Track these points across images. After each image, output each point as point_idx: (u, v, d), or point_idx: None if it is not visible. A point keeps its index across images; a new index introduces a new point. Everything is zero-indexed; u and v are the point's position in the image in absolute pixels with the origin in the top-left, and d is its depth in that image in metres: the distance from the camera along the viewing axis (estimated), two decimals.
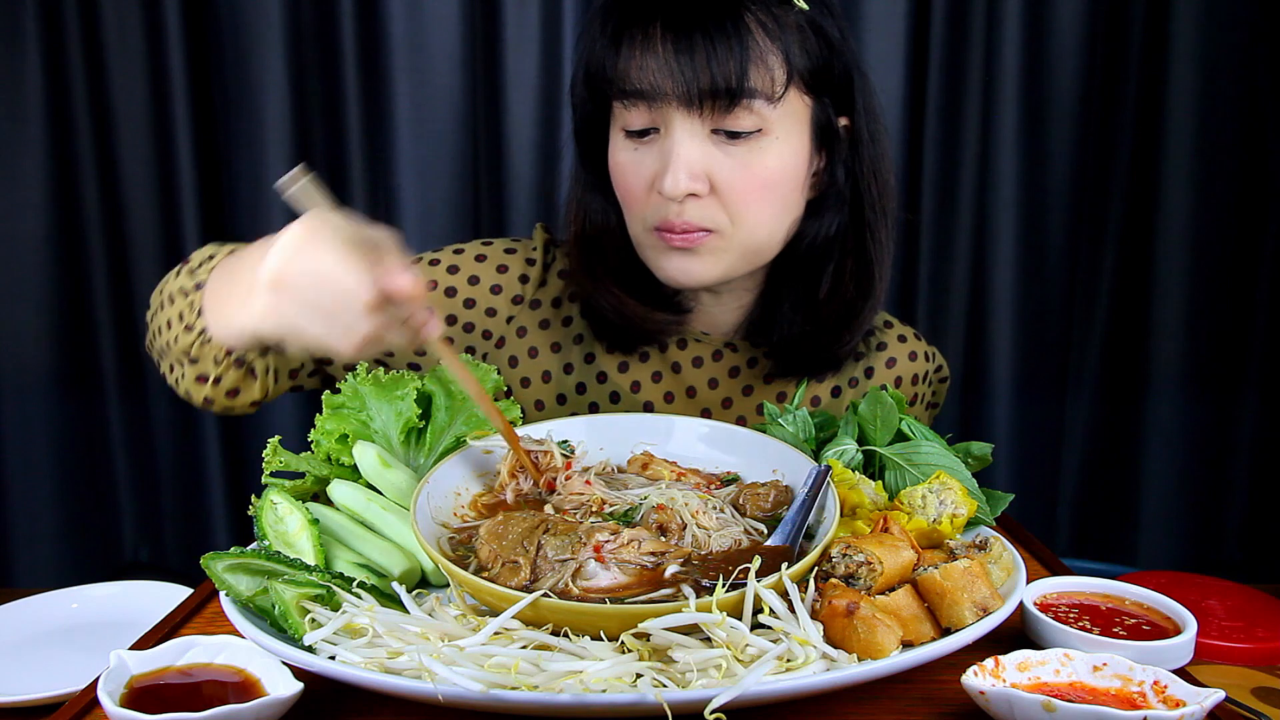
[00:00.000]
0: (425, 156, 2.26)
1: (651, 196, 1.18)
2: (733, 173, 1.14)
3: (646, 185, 1.18)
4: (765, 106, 1.12)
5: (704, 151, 1.14)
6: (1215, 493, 2.37)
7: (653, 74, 1.11)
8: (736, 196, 1.15)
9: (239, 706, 0.71)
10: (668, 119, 1.14)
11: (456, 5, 2.22)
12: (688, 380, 1.35)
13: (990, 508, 1.04)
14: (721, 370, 1.35)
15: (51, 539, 2.38)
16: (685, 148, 1.13)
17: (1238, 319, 2.29)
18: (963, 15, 2.21)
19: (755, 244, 1.21)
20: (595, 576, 0.83)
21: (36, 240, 2.27)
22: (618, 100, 1.17)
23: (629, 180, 1.20)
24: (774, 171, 1.16)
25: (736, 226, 1.17)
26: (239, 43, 2.22)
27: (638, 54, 1.12)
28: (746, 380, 1.36)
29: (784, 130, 1.16)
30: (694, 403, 1.35)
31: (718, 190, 1.15)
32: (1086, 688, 0.77)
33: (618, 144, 1.21)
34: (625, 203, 1.23)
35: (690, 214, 1.16)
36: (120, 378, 2.36)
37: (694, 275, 1.21)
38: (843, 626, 0.78)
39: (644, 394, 1.35)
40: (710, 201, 1.16)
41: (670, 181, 1.13)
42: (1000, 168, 2.26)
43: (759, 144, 1.14)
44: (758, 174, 1.15)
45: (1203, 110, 2.21)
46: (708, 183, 1.15)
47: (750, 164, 1.15)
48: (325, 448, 1.06)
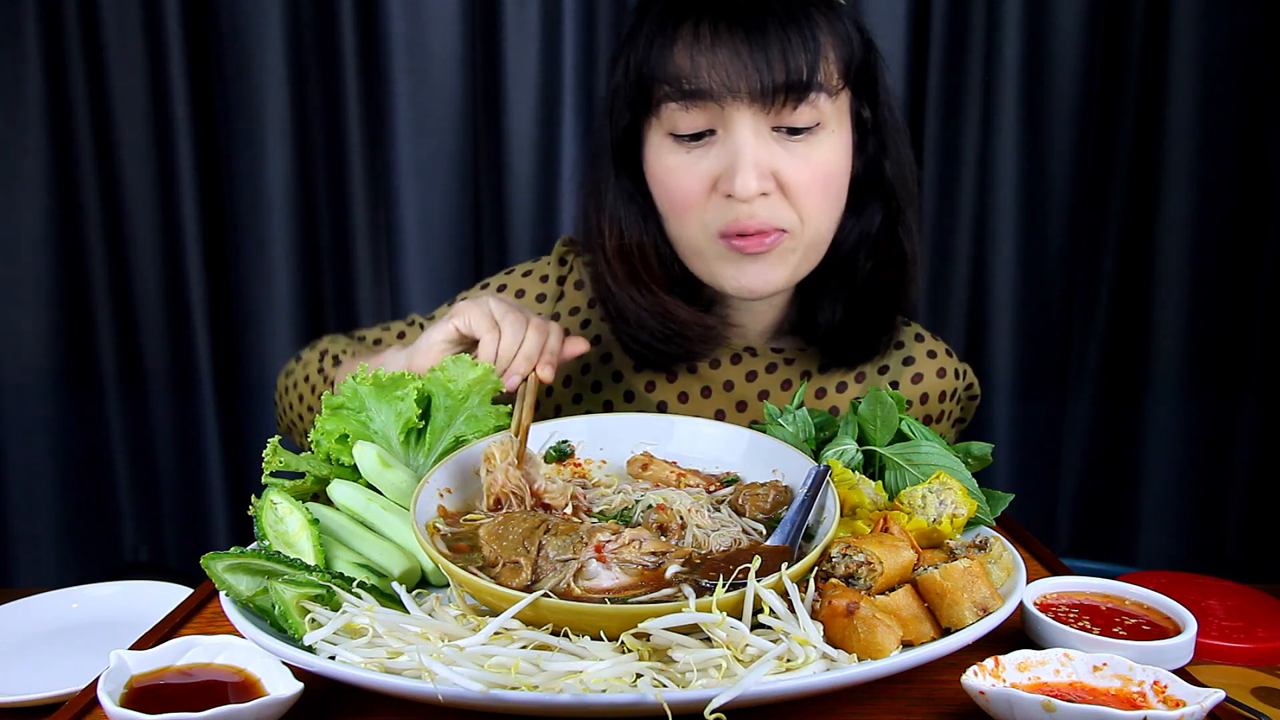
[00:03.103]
0: (425, 156, 2.26)
1: (712, 200, 1.15)
2: (797, 169, 1.13)
3: (705, 189, 1.15)
4: (825, 101, 1.13)
5: (768, 150, 1.13)
6: (1215, 493, 2.37)
7: (724, 70, 1.09)
8: (802, 192, 1.14)
9: (239, 706, 0.71)
10: (730, 119, 1.11)
11: (456, 5, 2.22)
12: (703, 381, 1.34)
13: (990, 508, 1.04)
14: (739, 373, 1.34)
15: (51, 539, 2.39)
16: (752, 146, 1.11)
17: (1238, 319, 2.29)
18: (963, 15, 2.21)
19: (820, 240, 1.20)
20: (597, 576, 0.83)
21: (36, 240, 2.27)
22: (675, 102, 1.13)
23: (683, 185, 1.16)
24: (833, 165, 1.17)
25: (805, 224, 1.17)
26: (239, 43, 2.22)
27: (704, 52, 1.09)
28: (764, 385, 1.34)
29: (836, 123, 1.16)
30: (708, 403, 1.34)
31: (785, 187, 1.14)
32: (1086, 688, 0.77)
33: (663, 149, 1.17)
34: (677, 210, 1.19)
35: (762, 214, 1.14)
36: (120, 378, 2.36)
37: (770, 281, 1.19)
38: (843, 626, 0.78)
39: (659, 393, 1.35)
40: (777, 200, 1.15)
41: (741, 182, 1.11)
42: (1000, 168, 2.26)
43: (817, 138, 1.14)
44: (820, 168, 1.15)
45: (1203, 110, 2.21)
46: (774, 180, 1.14)
47: (811, 158, 1.14)
48: (325, 448, 1.06)
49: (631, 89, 1.17)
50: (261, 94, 2.23)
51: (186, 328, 2.32)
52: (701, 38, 1.10)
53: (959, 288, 2.32)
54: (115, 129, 2.26)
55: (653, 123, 1.18)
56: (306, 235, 2.33)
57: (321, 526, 0.94)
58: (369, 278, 2.33)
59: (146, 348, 2.36)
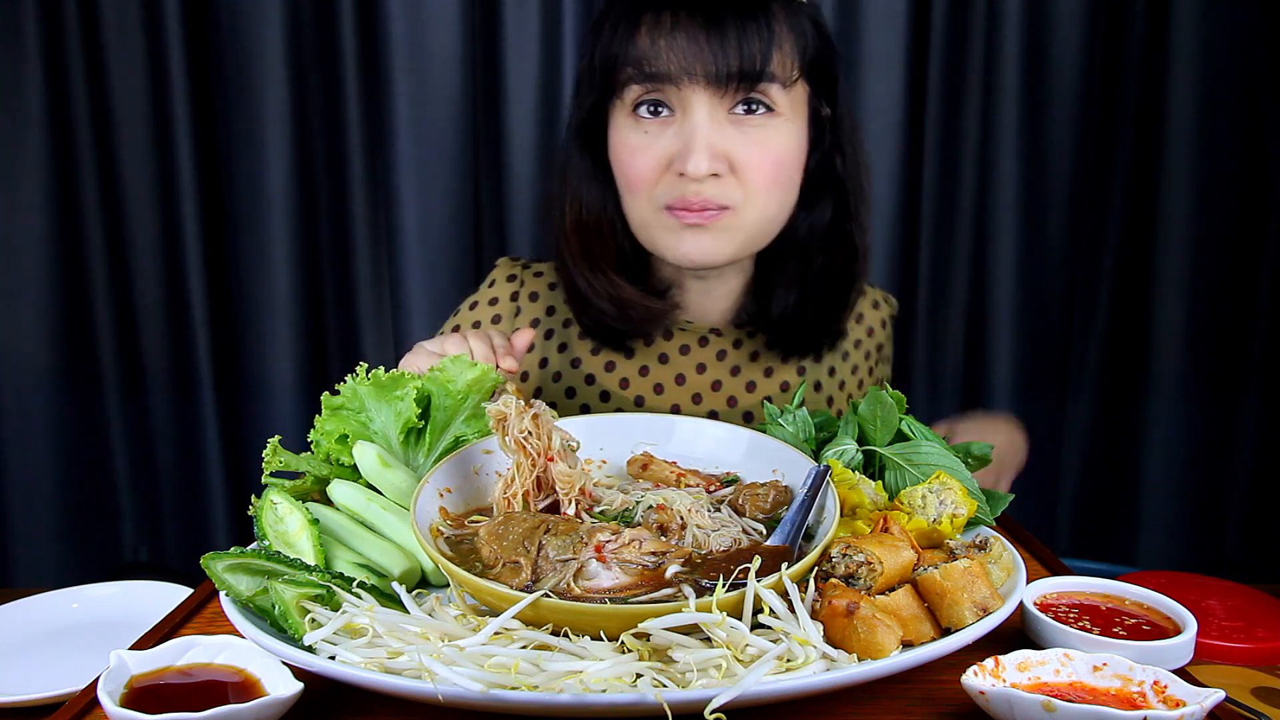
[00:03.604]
0: (425, 156, 2.26)
1: (665, 177, 1.22)
2: (748, 151, 1.19)
3: (659, 166, 1.21)
4: (779, 91, 1.19)
5: (723, 133, 1.19)
6: (1215, 493, 2.37)
7: (682, 54, 1.16)
8: (751, 174, 1.20)
9: (239, 706, 0.71)
10: (687, 101, 1.18)
11: (456, 5, 2.22)
12: (676, 368, 1.39)
13: (990, 508, 1.04)
14: (709, 355, 1.39)
15: (51, 539, 2.39)
16: (707, 129, 1.18)
17: (1238, 319, 2.29)
18: (963, 15, 2.21)
19: (764, 223, 1.26)
20: (597, 576, 0.83)
21: (36, 240, 2.27)
22: (635, 84, 1.20)
23: (639, 161, 1.22)
24: (784, 150, 1.22)
25: (749, 204, 1.22)
26: (239, 43, 2.22)
27: (665, 36, 1.16)
28: (734, 362, 1.40)
29: (790, 114, 1.22)
30: (684, 389, 1.38)
31: (735, 169, 1.20)
32: (1086, 688, 0.77)
33: (625, 128, 1.24)
34: (631, 185, 1.25)
35: (709, 192, 1.20)
36: (120, 377, 2.36)
37: (708, 252, 1.24)
38: (843, 626, 0.78)
39: (633, 389, 1.38)
40: (727, 180, 1.21)
41: (694, 163, 1.17)
42: (1000, 168, 2.26)
43: (770, 124, 1.21)
44: (771, 151, 1.21)
45: (1203, 110, 2.21)
46: (726, 162, 1.19)
47: (764, 142, 1.20)
48: (325, 448, 1.06)
49: (598, 71, 1.25)
50: (261, 94, 2.23)
51: (186, 328, 2.32)
52: (663, 24, 1.17)
53: (959, 288, 2.32)
54: (115, 129, 2.26)
55: (617, 104, 1.25)
56: (306, 235, 2.33)
57: (321, 526, 0.94)
58: (369, 278, 2.33)
59: (146, 348, 2.36)
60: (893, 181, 2.28)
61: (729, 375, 1.39)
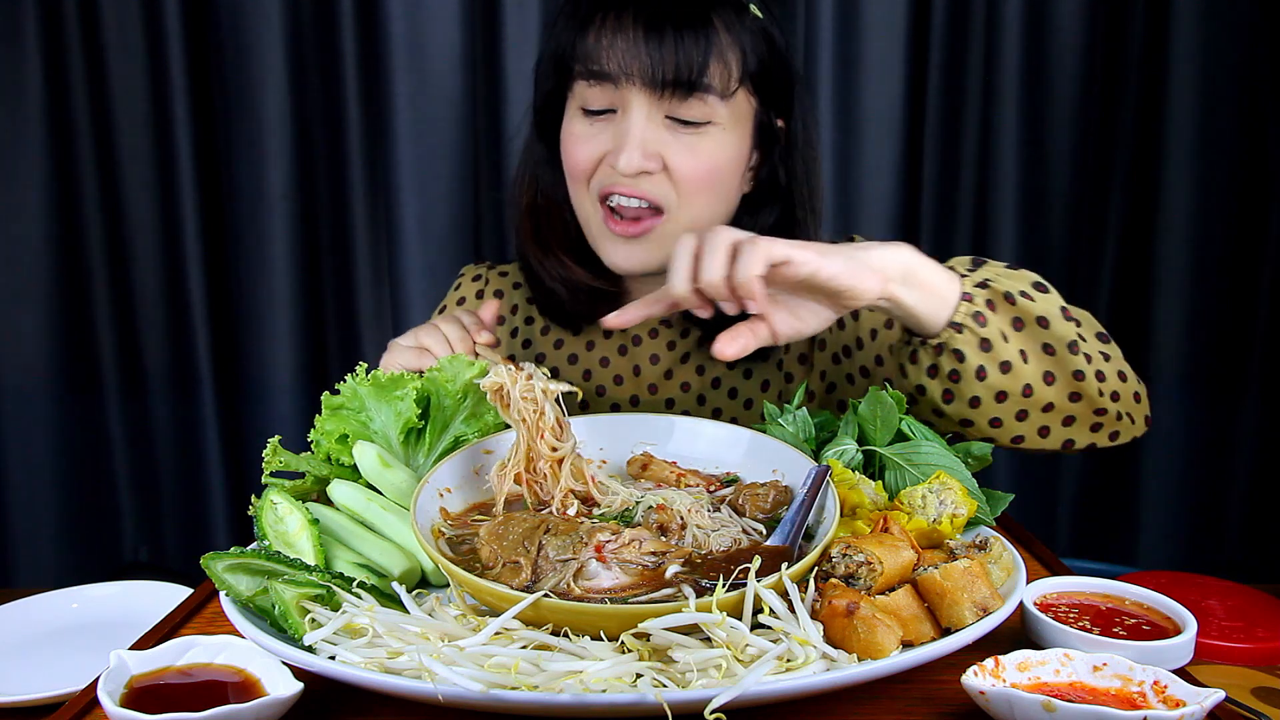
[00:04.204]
0: (425, 156, 2.26)
1: (601, 169, 1.26)
2: (682, 155, 1.23)
3: (596, 158, 1.26)
4: (717, 101, 1.22)
5: (657, 135, 1.22)
6: (1215, 493, 2.37)
7: (621, 56, 1.20)
8: (683, 178, 1.24)
9: (239, 706, 0.71)
10: (627, 101, 1.22)
11: (456, 5, 2.22)
12: (634, 360, 1.42)
13: (990, 508, 1.04)
14: (660, 345, 1.43)
15: (51, 539, 2.39)
16: (641, 128, 1.22)
17: (1238, 319, 2.29)
18: (963, 15, 2.21)
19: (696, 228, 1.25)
20: (597, 576, 0.83)
21: (37, 241, 2.27)
22: (582, 80, 1.25)
23: (580, 151, 1.27)
24: (718, 160, 1.25)
25: (682, 208, 1.25)
26: (239, 43, 2.22)
27: (608, 37, 1.20)
28: (684, 350, 1.42)
29: (730, 124, 1.25)
30: (640, 380, 1.42)
31: (669, 171, 1.24)
32: (1086, 688, 0.77)
33: (574, 120, 1.29)
34: (572, 174, 1.30)
35: (643, 186, 1.24)
36: (120, 378, 2.36)
37: (642, 261, 1.29)
38: (843, 626, 0.78)
39: (595, 380, 1.43)
40: (659, 180, 1.24)
41: (626, 158, 1.21)
42: (1000, 168, 2.26)
43: (706, 132, 1.24)
44: (704, 160, 1.24)
45: (1203, 109, 2.21)
46: (660, 162, 1.23)
47: (697, 149, 1.24)
48: (325, 448, 1.06)
49: (550, 62, 1.29)
50: (261, 94, 2.23)
51: (186, 328, 2.32)
52: (608, 25, 1.21)
53: None
54: (115, 129, 2.26)
55: (570, 96, 1.29)
56: (306, 235, 2.33)
57: (321, 526, 0.94)
58: (369, 278, 2.33)
59: (146, 348, 2.36)
60: (893, 182, 2.28)
61: (679, 363, 1.42)
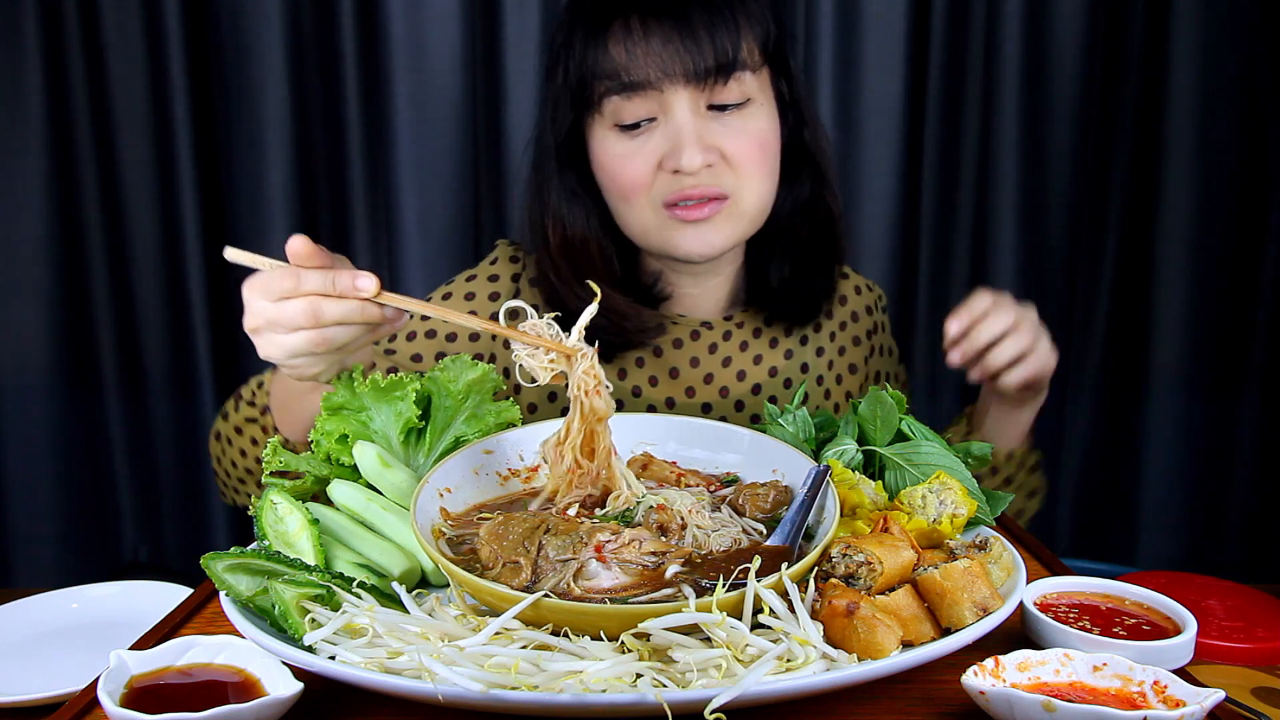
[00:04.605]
0: (425, 156, 2.26)
1: (659, 178, 1.25)
2: (735, 140, 1.25)
3: (652, 169, 1.25)
4: (750, 77, 1.24)
5: (706, 126, 1.23)
6: (1215, 493, 2.37)
7: (659, 59, 1.19)
8: (742, 161, 1.25)
9: (239, 706, 0.71)
10: (669, 103, 1.22)
11: (456, 5, 2.22)
12: (670, 362, 1.40)
13: (990, 508, 1.04)
14: (702, 349, 1.41)
15: (51, 539, 2.38)
16: (693, 124, 1.22)
17: (1238, 319, 2.29)
18: (963, 15, 2.21)
19: (760, 206, 1.31)
20: (597, 576, 0.83)
21: (36, 240, 2.26)
22: (617, 95, 1.23)
23: (631, 169, 1.26)
24: (766, 134, 1.28)
25: (744, 189, 1.27)
26: (239, 43, 2.22)
27: (638, 45, 1.20)
28: (725, 353, 1.42)
29: (762, 97, 1.28)
30: (677, 383, 1.40)
31: (727, 158, 1.25)
32: (1086, 688, 0.77)
33: (609, 140, 1.27)
34: (626, 192, 1.28)
35: (706, 181, 1.24)
36: (120, 378, 2.36)
37: (714, 244, 1.29)
38: (843, 626, 0.78)
39: (630, 380, 1.39)
40: (720, 169, 1.25)
41: (688, 156, 1.21)
42: (1000, 168, 2.26)
43: (748, 112, 1.26)
44: (755, 137, 1.26)
45: (1203, 110, 2.20)
46: (717, 153, 1.24)
47: (746, 130, 1.25)
48: (325, 448, 1.06)
49: (573, 90, 1.27)
50: (261, 94, 2.23)
51: (186, 328, 2.32)
52: (634, 31, 1.21)
53: (959, 287, 2.32)
54: (115, 129, 2.25)
55: (596, 119, 1.28)
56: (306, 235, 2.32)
57: (321, 526, 0.94)
58: None
59: (146, 348, 2.36)
60: (893, 181, 2.28)
61: (720, 367, 1.41)
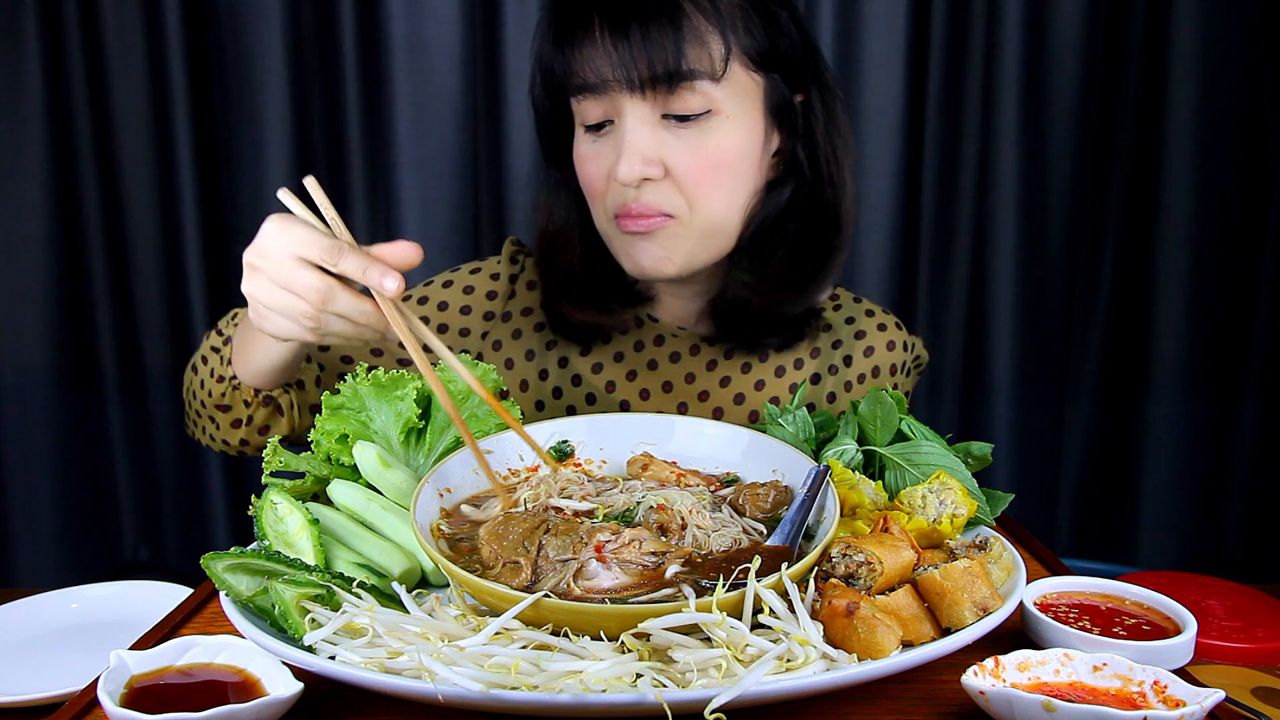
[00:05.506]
0: (425, 156, 2.26)
1: (611, 185, 1.21)
2: (685, 155, 1.18)
3: (605, 175, 1.22)
4: (710, 86, 1.16)
5: (656, 137, 1.17)
6: (1215, 493, 2.37)
7: (596, 65, 1.15)
8: (691, 179, 1.19)
9: (239, 706, 0.71)
10: (619, 108, 1.18)
11: (456, 5, 2.22)
12: (664, 375, 1.38)
13: (990, 508, 1.04)
14: (686, 353, 1.39)
15: (51, 539, 2.38)
16: (636, 134, 1.17)
17: (1238, 319, 2.29)
18: (963, 15, 2.21)
19: (712, 226, 1.23)
20: (597, 576, 0.83)
21: (36, 240, 2.26)
22: (572, 96, 1.21)
23: (590, 171, 1.24)
24: (726, 151, 1.19)
25: (694, 210, 1.21)
26: (239, 43, 2.22)
27: (581, 49, 1.16)
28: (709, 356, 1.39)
29: (734, 109, 1.19)
30: (670, 397, 1.38)
31: (672, 174, 1.19)
32: (1086, 688, 0.77)
33: (580, 139, 1.25)
34: (589, 195, 1.27)
35: (647, 197, 1.19)
36: (120, 378, 2.36)
37: (657, 261, 1.24)
38: (843, 626, 0.78)
39: (619, 393, 1.38)
40: (666, 185, 1.19)
41: (624, 167, 1.17)
42: (1000, 168, 2.26)
43: (710, 124, 1.18)
44: (710, 155, 1.18)
45: (1203, 110, 2.20)
46: (661, 167, 1.18)
47: (702, 146, 1.18)
48: (325, 448, 1.06)
49: (543, 87, 1.25)
50: (261, 94, 2.23)
51: (186, 328, 2.32)
52: (576, 37, 1.17)
53: (959, 288, 2.32)
54: (115, 129, 2.25)
55: (575, 115, 1.25)
56: None
57: (321, 526, 0.94)
58: None
59: (146, 348, 2.36)
60: (893, 181, 2.28)
61: (705, 371, 1.38)
